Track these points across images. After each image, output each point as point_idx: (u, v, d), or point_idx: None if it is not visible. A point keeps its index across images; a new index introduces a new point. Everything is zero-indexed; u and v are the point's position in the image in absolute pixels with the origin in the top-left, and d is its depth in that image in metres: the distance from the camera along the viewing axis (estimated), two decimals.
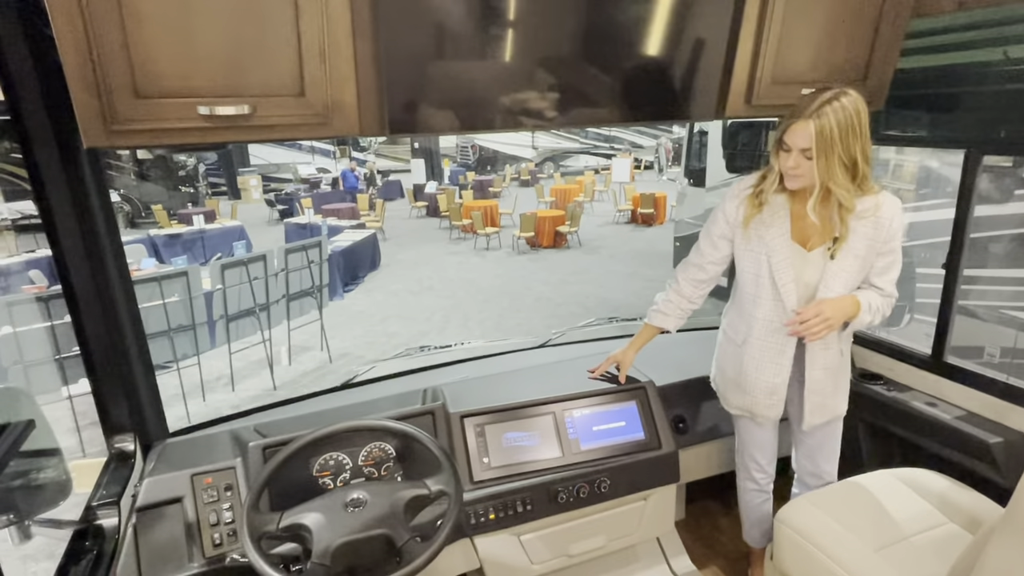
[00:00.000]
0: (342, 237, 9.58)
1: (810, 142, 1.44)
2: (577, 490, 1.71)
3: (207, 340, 6.26)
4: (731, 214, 1.70)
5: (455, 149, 25.03)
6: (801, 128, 1.45)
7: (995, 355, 3.58)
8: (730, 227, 1.71)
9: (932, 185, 4.29)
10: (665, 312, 1.88)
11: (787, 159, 1.51)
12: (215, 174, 18.57)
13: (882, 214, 1.57)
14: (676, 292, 1.86)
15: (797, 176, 1.52)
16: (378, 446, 1.60)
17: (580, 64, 1.59)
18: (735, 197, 1.70)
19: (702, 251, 1.79)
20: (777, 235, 1.62)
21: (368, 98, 1.39)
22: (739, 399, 1.82)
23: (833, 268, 1.60)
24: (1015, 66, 1.82)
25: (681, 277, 1.85)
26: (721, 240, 1.74)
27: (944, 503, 1.72)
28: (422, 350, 2.41)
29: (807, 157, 1.47)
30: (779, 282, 1.62)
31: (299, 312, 6.83)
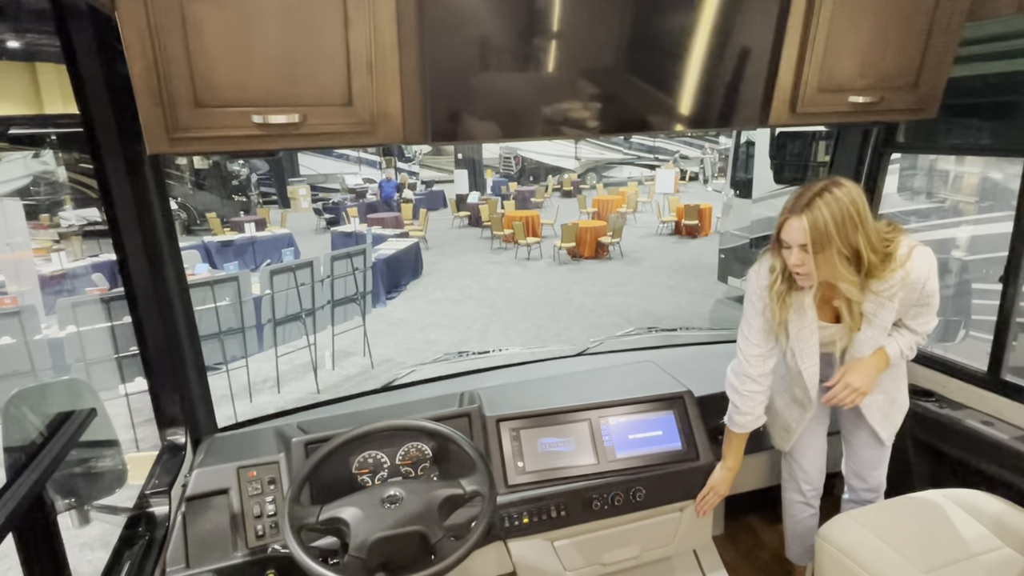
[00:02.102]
0: (386, 246, 9.77)
1: (806, 237, 1.41)
2: (612, 498, 1.70)
3: (255, 343, 6.46)
4: (767, 314, 1.63)
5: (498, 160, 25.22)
6: (795, 223, 1.42)
7: None
8: (768, 324, 1.64)
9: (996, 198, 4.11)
10: (749, 413, 1.73)
11: (789, 256, 1.47)
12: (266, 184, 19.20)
13: (912, 279, 1.51)
14: (749, 392, 1.71)
15: (804, 274, 1.47)
16: (415, 446, 1.63)
17: (622, 73, 1.60)
18: (762, 296, 1.62)
19: (748, 337, 1.67)
20: (803, 326, 1.61)
21: (412, 107, 1.44)
22: (772, 426, 1.86)
23: (860, 337, 1.60)
24: None
25: (747, 375, 1.71)
26: (768, 332, 1.66)
27: (999, 526, 1.65)
28: (461, 355, 2.45)
29: (807, 252, 1.43)
30: (807, 376, 1.66)
31: (343, 318, 6.98)
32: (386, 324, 7.97)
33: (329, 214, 15.19)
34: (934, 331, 1.72)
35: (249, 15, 1.21)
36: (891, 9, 1.70)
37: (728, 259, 8.11)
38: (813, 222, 1.39)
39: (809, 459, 1.89)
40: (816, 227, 1.39)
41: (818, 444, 1.88)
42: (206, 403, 1.76)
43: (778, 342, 1.66)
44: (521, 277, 10.42)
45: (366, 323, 6.90)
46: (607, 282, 9.84)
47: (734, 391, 1.72)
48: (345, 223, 12.80)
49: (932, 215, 4.38)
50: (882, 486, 1.90)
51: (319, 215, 15.66)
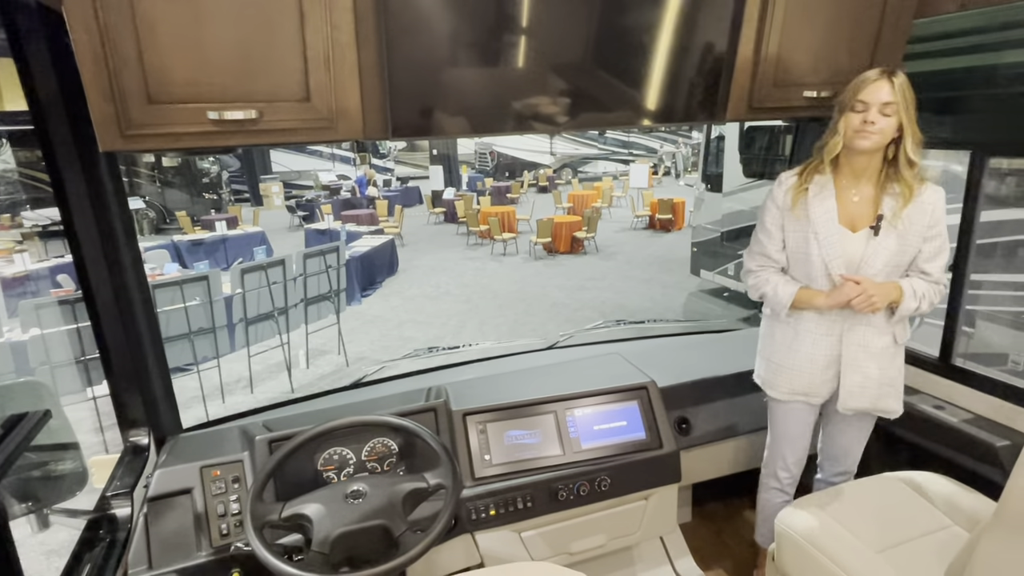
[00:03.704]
0: (360, 243, 9.69)
1: (893, 96, 1.53)
2: (577, 488, 1.73)
3: (227, 343, 6.38)
4: (780, 200, 1.74)
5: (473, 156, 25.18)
6: (883, 84, 1.54)
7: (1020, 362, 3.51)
8: (780, 213, 1.74)
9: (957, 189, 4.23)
10: (785, 280, 1.77)
11: (860, 117, 1.56)
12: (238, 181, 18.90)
13: (924, 199, 1.64)
14: (775, 276, 1.78)
15: (871, 133, 1.56)
16: (381, 442, 1.64)
17: (590, 68, 1.62)
18: (783, 184, 1.75)
19: (762, 241, 1.79)
20: (822, 213, 1.68)
21: (372, 103, 1.44)
22: (793, 382, 1.80)
23: (875, 245, 1.65)
24: (1017, 70, 1.81)
25: (755, 266, 1.82)
26: (774, 228, 1.76)
27: (949, 506, 1.71)
28: (431, 351, 2.46)
29: (885, 114, 1.54)
30: (827, 256, 1.66)
31: (317, 316, 6.92)
32: (361, 322, 7.92)
33: (303, 211, 15.02)
34: None
35: (201, 11, 1.20)
36: (842, 5, 1.75)
37: (700, 253, 8.21)
38: (900, 84, 1.54)
39: (792, 445, 1.91)
40: (902, 89, 1.54)
41: (804, 430, 1.89)
42: (170, 403, 1.75)
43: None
44: (497, 273, 10.42)
45: (340, 321, 6.85)
46: (582, 277, 9.90)
47: (760, 279, 1.78)
48: (319, 220, 12.67)
49: None
50: (854, 469, 1.95)
51: (292, 212, 15.47)
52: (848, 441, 1.90)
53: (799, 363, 1.78)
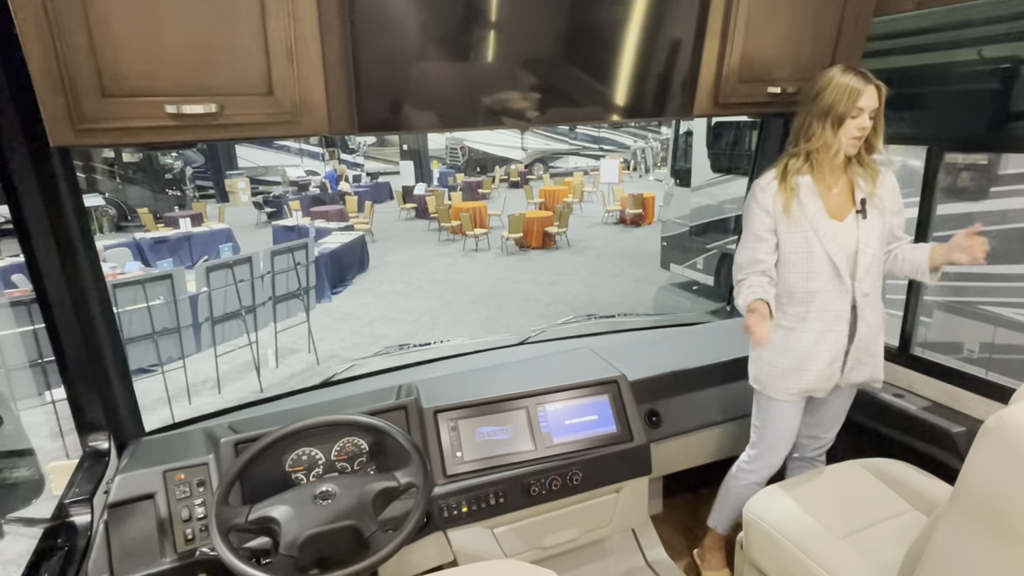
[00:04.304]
0: (330, 239, 9.55)
1: (879, 102, 1.62)
2: (549, 483, 1.73)
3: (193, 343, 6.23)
4: (769, 205, 1.74)
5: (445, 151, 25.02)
6: (874, 91, 1.61)
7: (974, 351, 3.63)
8: (772, 218, 1.74)
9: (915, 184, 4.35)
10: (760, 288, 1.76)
11: (858, 123, 1.62)
12: (202, 177, 18.45)
13: (883, 179, 1.76)
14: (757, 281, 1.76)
15: (861, 140, 1.65)
16: (351, 441, 1.62)
17: (560, 63, 1.62)
18: (766, 190, 1.75)
19: (752, 248, 1.77)
20: (816, 210, 1.71)
21: (338, 97, 1.41)
22: (798, 382, 1.80)
23: (866, 227, 1.72)
24: (971, 67, 1.87)
25: (750, 272, 1.78)
26: (767, 233, 1.75)
27: (908, 491, 1.76)
28: (402, 348, 2.43)
29: (871, 118, 1.63)
30: (830, 250, 1.70)
31: (286, 314, 6.80)
32: (332, 319, 7.82)
33: (270, 208, 14.75)
34: None
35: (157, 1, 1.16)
36: (805, 2, 1.78)
37: (670, 247, 8.30)
38: (882, 90, 1.62)
39: (784, 438, 1.91)
40: (883, 94, 1.63)
41: (797, 423, 1.91)
42: (131, 406, 1.70)
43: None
44: (469, 268, 10.39)
45: (310, 319, 6.75)
46: (554, 272, 9.92)
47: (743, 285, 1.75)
48: (287, 217, 12.45)
49: None
50: (831, 443, 2.00)
51: (260, 209, 15.18)
52: (834, 415, 1.96)
53: (807, 362, 1.77)
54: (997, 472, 0.98)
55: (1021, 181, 3.71)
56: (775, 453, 1.94)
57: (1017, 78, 1.76)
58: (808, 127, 1.67)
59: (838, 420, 1.97)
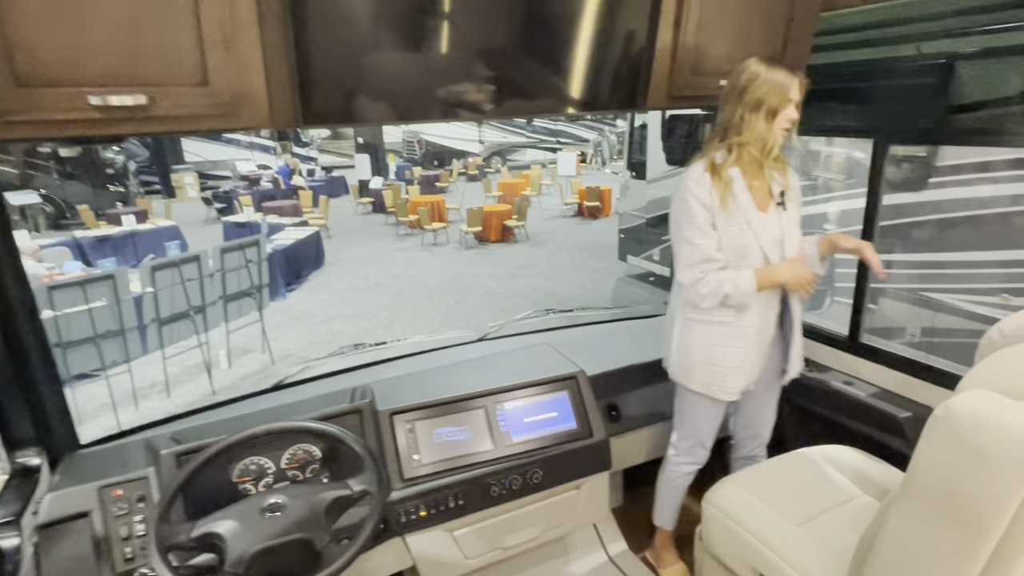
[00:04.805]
0: (283, 235, 9.32)
1: (800, 94, 1.63)
2: (509, 483, 1.71)
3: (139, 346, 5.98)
4: (706, 199, 1.69)
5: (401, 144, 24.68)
6: (796, 83, 1.62)
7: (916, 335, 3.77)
8: (710, 212, 1.70)
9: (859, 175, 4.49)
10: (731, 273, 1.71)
11: (787, 115, 1.63)
12: (147, 172, 17.74)
13: (787, 169, 1.82)
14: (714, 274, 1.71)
15: (790, 132, 1.67)
16: (302, 448, 1.55)
17: (515, 55, 1.59)
18: (701, 183, 1.69)
19: (700, 245, 1.70)
20: (747, 202, 1.71)
21: (280, 87, 1.35)
22: (745, 377, 1.80)
23: (787, 219, 1.76)
24: (912, 63, 1.92)
25: (699, 272, 1.71)
26: (708, 227, 1.71)
27: (860, 477, 1.80)
28: (357, 348, 2.36)
29: (796, 106, 1.64)
30: (763, 243, 1.71)
31: (238, 314, 6.59)
32: (287, 318, 7.63)
33: (220, 203, 14.27)
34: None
35: None
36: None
37: (627, 239, 8.38)
38: (803, 82, 1.63)
39: (712, 430, 1.94)
40: (804, 86, 1.64)
41: (722, 413, 1.93)
42: (63, 417, 1.59)
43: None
44: (428, 263, 10.28)
45: (264, 318, 6.56)
46: (514, 265, 9.91)
47: (713, 282, 1.68)
48: (238, 213, 12.08)
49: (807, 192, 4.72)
50: (769, 438, 2.04)
51: (209, 204, 14.70)
52: (768, 412, 2.00)
53: (749, 358, 1.78)
54: (946, 460, 1.00)
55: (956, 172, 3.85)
56: (704, 446, 1.97)
57: (952, 73, 1.80)
58: (740, 121, 1.65)
59: (773, 414, 2.02)
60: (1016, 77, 1.71)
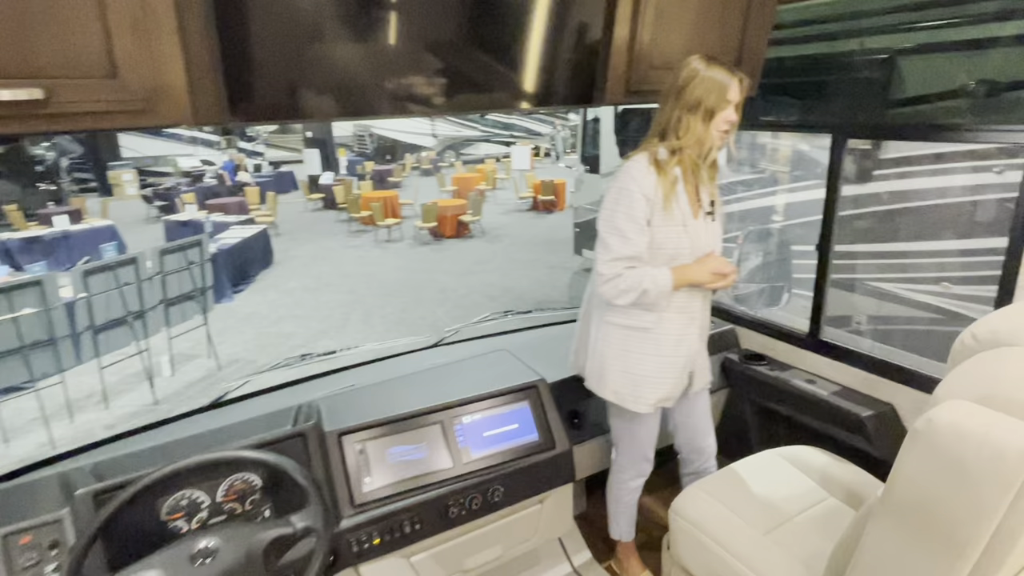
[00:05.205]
0: (229, 234, 8.96)
1: (741, 95, 1.56)
2: (469, 502, 1.61)
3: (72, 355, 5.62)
4: (650, 193, 1.59)
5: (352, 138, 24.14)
6: (735, 84, 1.55)
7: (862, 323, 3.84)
8: (650, 208, 1.60)
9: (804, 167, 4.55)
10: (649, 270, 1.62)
11: (726, 117, 1.56)
12: (81, 168, 16.84)
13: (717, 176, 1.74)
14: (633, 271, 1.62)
15: (729, 134, 1.60)
16: (241, 478, 1.41)
17: (465, 48, 1.51)
18: (646, 176, 1.59)
19: (631, 240, 1.59)
20: (686, 205, 1.64)
21: (203, 79, 1.21)
22: (661, 390, 1.72)
23: (714, 229, 1.71)
24: (870, 56, 1.90)
25: (622, 268, 1.62)
26: (644, 222, 1.60)
27: (825, 478, 1.78)
28: (304, 359, 2.21)
29: (736, 108, 1.56)
30: (696, 248, 1.65)
31: (181, 318, 6.28)
32: (234, 320, 7.34)
33: (161, 201, 13.67)
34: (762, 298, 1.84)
35: None
36: None
37: (582, 233, 8.36)
38: (744, 82, 1.57)
39: (652, 441, 1.88)
40: (745, 87, 1.58)
41: (658, 423, 1.87)
42: None
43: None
44: (382, 260, 10.08)
45: (209, 321, 6.28)
46: (469, 261, 9.80)
47: (632, 279, 1.59)
48: (180, 211, 11.57)
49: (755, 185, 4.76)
50: (715, 449, 1.98)
51: (149, 203, 14.06)
52: (703, 424, 1.93)
53: (664, 368, 1.70)
54: (926, 475, 0.95)
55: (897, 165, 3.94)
56: (647, 459, 1.91)
57: (894, 68, 1.79)
58: (678, 122, 1.58)
59: (709, 426, 1.96)
60: (956, 72, 1.72)
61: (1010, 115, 2.15)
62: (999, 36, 1.92)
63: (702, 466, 1.97)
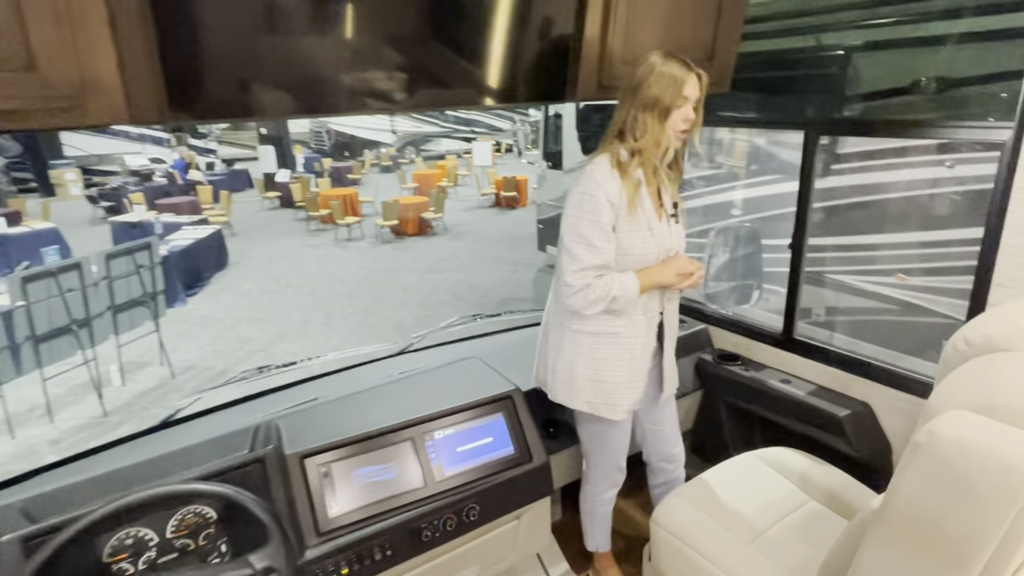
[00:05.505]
0: (181, 235, 8.62)
1: (701, 90, 1.50)
2: (443, 523, 1.51)
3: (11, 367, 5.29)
4: (615, 198, 1.52)
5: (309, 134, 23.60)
6: (693, 79, 1.49)
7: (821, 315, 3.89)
8: (615, 213, 1.54)
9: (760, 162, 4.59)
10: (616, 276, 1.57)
11: (683, 115, 1.50)
12: (20, 168, 16.01)
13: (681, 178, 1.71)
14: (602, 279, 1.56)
15: (690, 130, 1.53)
16: (193, 511, 1.29)
17: (426, 42, 1.42)
18: (609, 180, 1.53)
19: (599, 248, 1.53)
20: (650, 208, 1.59)
21: (139, 74, 1.08)
22: (633, 394, 1.66)
23: (678, 232, 1.66)
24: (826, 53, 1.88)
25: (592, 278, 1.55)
26: (611, 229, 1.54)
27: (804, 481, 1.75)
28: (261, 371, 2.08)
29: (695, 107, 1.50)
30: (662, 251, 1.61)
31: (130, 325, 5.98)
32: (188, 325, 7.06)
33: (108, 202, 13.10)
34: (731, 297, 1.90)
35: None
36: None
37: (546, 229, 8.31)
38: (703, 79, 1.51)
39: (624, 450, 1.82)
40: (704, 83, 1.51)
41: (629, 431, 1.81)
42: None
43: None
44: (342, 260, 9.85)
45: (161, 327, 6.01)
46: (432, 259, 9.66)
47: (601, 288, 1.53)
48: (128, 211, 11.09)
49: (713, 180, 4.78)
50: (683, 458, 1.94)
51: (95, 203, 13.47)
52: (671, 432, 1.90)
53: (635, 372, 1.65)
54: (930, 489, 0.91)
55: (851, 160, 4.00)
56: (620, 468, 1.86)
57: (849, 65, 1.79)
58: (635, 121, 1.52)
59: (679, 432, 1.92)
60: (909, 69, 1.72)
61: (960, 110, 2.19)
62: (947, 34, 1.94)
63: (672, 475, 1.93)
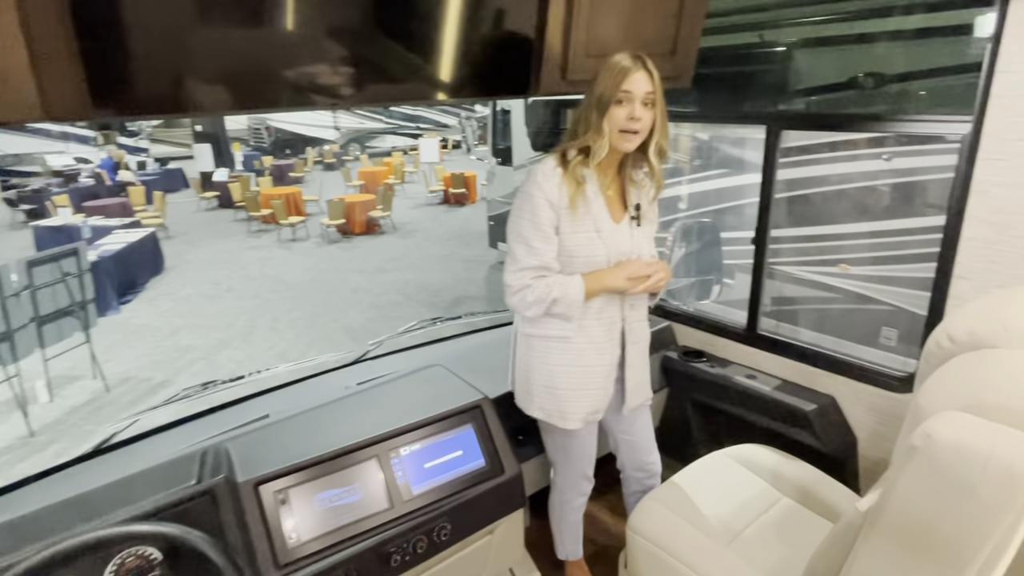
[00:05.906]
0: (111, 239, 8.15)
1: (653, 87, 1.42)
2: (413, 546, 1.42)
3: None
4: (554, 197, 1.47)
5: (247, 131, 22.76)
6: (643, 75, 1.41)
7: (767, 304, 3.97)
8: (556, 213, 1.49)
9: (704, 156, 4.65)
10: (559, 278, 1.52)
11: (626, 112, 1.42)
12: None
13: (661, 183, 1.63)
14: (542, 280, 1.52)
15: (637, 131, 1.44)
16: (134, 552, 1.16)
17: (371, 34, 1.34)
18: (550, 178, 1.48)
19: (538, 250, 1.49)
20: (600, 209, 1.53)
21: (54, 66, 0.96)
22: (586, 403, 1.60)
23: (639, 235, 1.59)
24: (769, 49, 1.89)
25: (530, 279, 1.52)
26: (551, 230, 1.50)
27: (776, 478, 1.75)
28: (206, 387, 1.93)
29: (645, 104, 1.42)
30: (612, 256, 1.53)
31: (58, 337, 5.58)
32: (123, 334, 6.67)
33: (28, 205, 12.30)
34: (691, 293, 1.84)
35: None
36: None
37: (497, 226, 8.26)
38: (656, 77, 1.42)
39: (591, 457, 1.78)
40: (657, 79, 1.43)
41: (594, 439, 1.76)
42: None
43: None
44: (287, 261, 9.53)
45: (92, 338, 5.64)
46: (382, 258, 9.46)
47: (541, 289, 1.49)
48: (51, 215, 10.41)
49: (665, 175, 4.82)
50: (659, 468, 1.89)
51: (13, 207, 12.65)
52: (644, 441, 1.84)
53: (588, 380, 1.59)
54: (925, 494, 0.89)
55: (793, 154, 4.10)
56: (587, 476, 1.81)
57: (791, 61, 1.80)
58: (585, 118, 1.47)
59: (654, 441, 1.87)
60: (845, 66, 1.74)
61: (895, 105, 2.25)
62: (880, 32, 1.98)
63: (646, 484, 1.88)
